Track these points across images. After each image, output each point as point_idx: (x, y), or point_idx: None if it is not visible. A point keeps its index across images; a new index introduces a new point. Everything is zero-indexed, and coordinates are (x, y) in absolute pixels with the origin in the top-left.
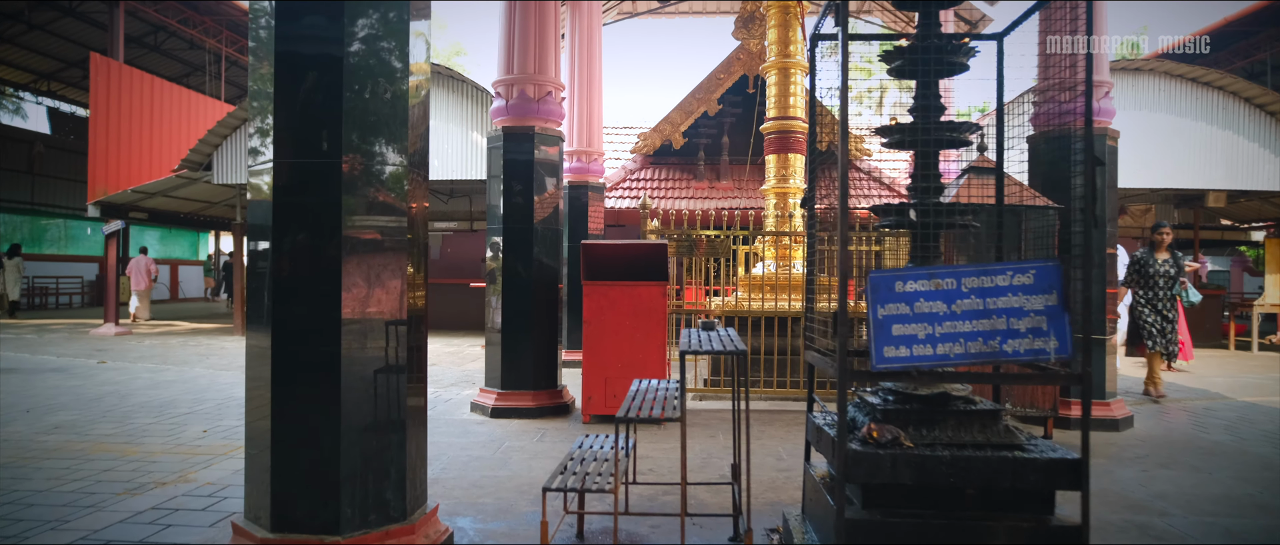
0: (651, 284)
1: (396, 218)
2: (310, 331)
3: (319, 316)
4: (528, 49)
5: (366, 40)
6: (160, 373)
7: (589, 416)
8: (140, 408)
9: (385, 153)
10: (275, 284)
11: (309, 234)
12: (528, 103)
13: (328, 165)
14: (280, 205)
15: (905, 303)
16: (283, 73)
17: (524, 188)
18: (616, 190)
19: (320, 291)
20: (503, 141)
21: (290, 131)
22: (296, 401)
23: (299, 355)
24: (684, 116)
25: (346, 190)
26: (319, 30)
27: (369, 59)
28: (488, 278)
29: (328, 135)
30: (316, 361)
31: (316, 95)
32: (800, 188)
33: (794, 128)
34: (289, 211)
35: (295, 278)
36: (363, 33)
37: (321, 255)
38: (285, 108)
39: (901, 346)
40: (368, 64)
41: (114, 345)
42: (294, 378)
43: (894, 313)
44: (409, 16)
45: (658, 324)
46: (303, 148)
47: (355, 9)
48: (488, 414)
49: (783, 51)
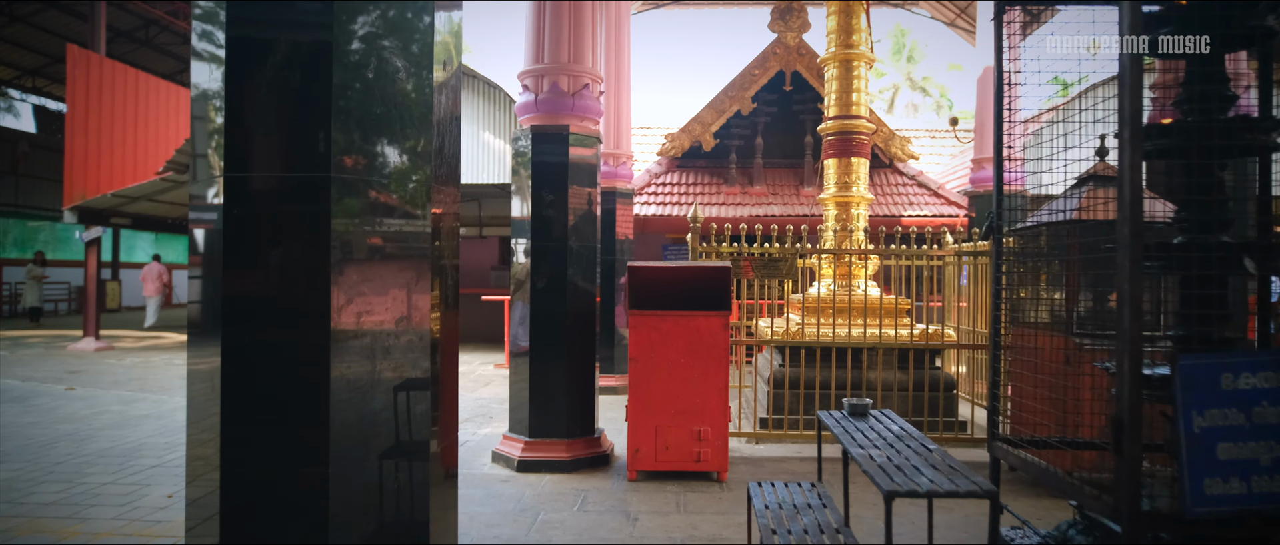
0: (711, 314)
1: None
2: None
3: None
4: (562, 34)
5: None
6: (133, 404)
7: (636, 473)
8: (99, 458)
9: (389, 151)
10: (225, 310)
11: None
12: (561, 97)
13: (313, 178)
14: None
15: (1238, 408)
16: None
17: (556, 198)
18: (641, 196)
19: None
20: (531, 143)
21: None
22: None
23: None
24: (715, 116)
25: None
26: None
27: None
28: (512, 301)
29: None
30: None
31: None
32: (865, 196)
33: (858, 128)
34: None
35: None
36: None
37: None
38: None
39: (1233, 479)
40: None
41: (90, 365)
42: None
43: (1220, 423)
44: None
45: (718, 362)
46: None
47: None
48: (513, 467)
49: (844, 41)
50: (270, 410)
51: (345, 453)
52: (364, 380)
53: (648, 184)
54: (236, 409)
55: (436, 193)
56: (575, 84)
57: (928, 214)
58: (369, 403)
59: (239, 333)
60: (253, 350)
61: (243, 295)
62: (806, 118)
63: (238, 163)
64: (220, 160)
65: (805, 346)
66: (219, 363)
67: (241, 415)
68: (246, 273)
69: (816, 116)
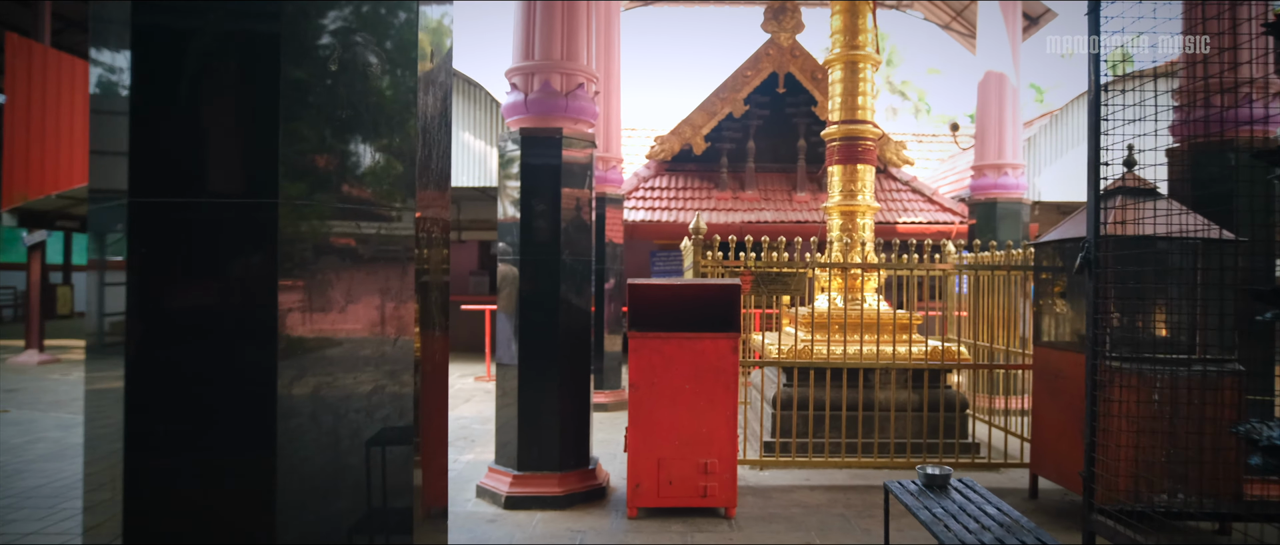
0: (719, 336)
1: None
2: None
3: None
4: (554, 29)
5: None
6: (73, 430)
7: (636, 509)
8: (24, 499)
9: (361, 154)
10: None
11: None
12: (553, 97)
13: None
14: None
15: None
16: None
17: (548, 207)
18: (629, 201)
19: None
20: (521, 147)
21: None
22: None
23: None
24: (706, 118)
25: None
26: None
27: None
28: (499, 314)
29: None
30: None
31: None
32: (871, 205)
33: (864, 133)
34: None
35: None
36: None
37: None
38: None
39: None
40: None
41: (31, 381)
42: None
43: None
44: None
45: (727, 388)
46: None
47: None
48: (500, 504)
49: (850, 42)
50: (195, 436)
51: (300, 487)
52: (333, 401)
53: (636, 188)
54: (142, 436)
55: (421, 198)
56: (569, 83)
57: (923, 221)
58: (335, 428)
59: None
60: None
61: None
62: (799, 121)
63: (153, 178)
64: (123, 178)
65: (815, 367)
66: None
67: (147, 444)
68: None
69: (810, 120)
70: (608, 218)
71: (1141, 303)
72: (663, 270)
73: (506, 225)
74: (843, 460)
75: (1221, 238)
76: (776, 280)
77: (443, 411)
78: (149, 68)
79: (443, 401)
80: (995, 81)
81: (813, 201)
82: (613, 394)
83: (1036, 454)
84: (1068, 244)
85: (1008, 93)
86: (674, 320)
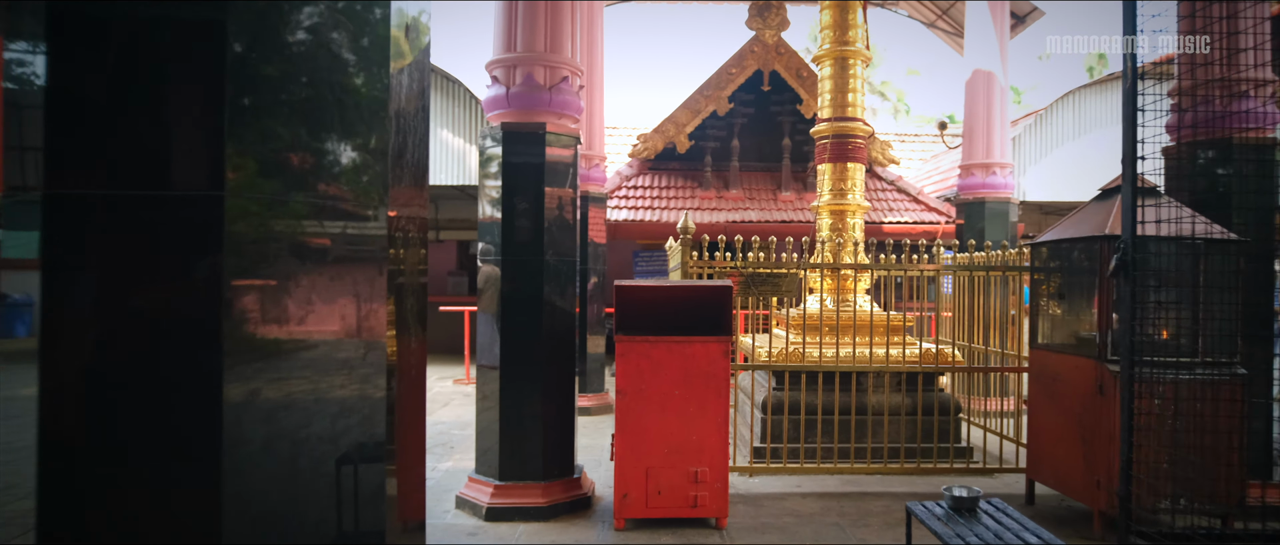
0: (709, 340)
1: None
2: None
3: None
4: (537, 20)
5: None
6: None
7: (624, 521)
8: None
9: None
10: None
11: None
12: (536, 91)
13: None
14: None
15: None
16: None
17: (531, 206)
18: (611, 200)
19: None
20: (503, 143)
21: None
22: None
23: None
24: (690, 116)
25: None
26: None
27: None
28: (479, 317)
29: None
30: None
31: None
32: (861, 204)
33: (855, 131)
34: None
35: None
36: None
37: None
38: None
39: None
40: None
41: None
42: None
43: None
44: None
45: (717, 394)
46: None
47: None
48: (481, 516)
49: (840, 37)
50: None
51: (255, 504)
52: (296, 411)
53: (618, 187)
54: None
55: (395, 195)
56: (553, 76)
57: (909, 220)
58: (298, 440)
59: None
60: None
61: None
62: (784, 119)
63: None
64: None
65: (805, 371)
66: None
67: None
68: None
69: (795, 118)
70: (591, 217)
71: (1178, 307)
72: (645, 270)
73: (488, 225)
74: (835, 466)
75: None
76: (766, 281)
77: (420, 419)
78: (67, 55)
79: (420, 409)
80: (983, 80)
81: (797, 201)
82: (596, 398)
83: (1033, 459)
84: (1065, 245)
85: (996, 91)
86: (662, 323)
